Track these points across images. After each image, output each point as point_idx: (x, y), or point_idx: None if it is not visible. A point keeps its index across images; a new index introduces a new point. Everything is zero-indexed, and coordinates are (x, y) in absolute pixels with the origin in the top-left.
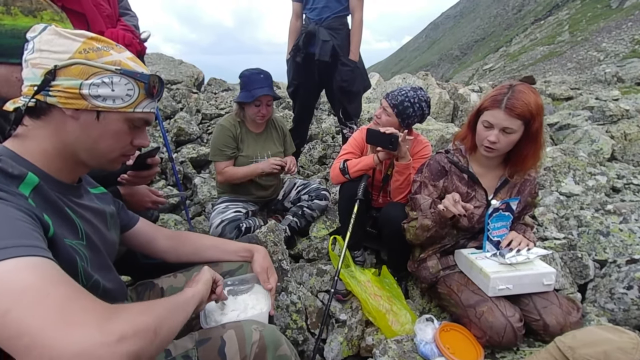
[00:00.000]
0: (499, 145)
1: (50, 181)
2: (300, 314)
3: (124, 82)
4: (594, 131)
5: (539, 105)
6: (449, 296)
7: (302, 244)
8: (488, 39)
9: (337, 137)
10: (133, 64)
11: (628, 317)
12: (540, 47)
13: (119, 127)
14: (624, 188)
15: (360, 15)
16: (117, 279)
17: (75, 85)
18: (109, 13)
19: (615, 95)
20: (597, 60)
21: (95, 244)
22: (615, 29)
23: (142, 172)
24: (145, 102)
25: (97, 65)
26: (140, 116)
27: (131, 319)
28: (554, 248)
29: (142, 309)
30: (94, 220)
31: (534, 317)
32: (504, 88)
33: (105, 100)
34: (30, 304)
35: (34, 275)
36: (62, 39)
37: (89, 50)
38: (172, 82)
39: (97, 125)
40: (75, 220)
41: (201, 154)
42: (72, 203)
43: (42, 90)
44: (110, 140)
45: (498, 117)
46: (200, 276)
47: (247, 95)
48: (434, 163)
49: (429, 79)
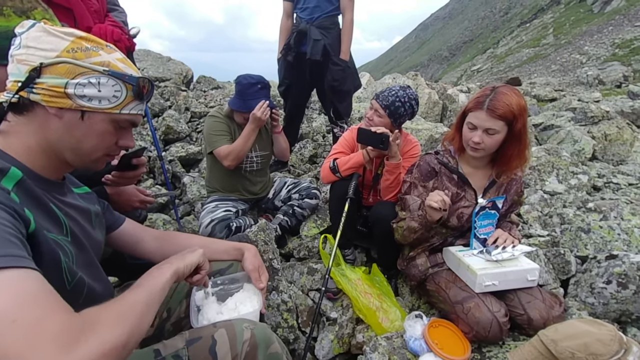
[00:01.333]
0: (483, 145)
1: (34, 177)
2: (291, 313)
3: (111, 83)
4: (577, 132)
5: (522, 107)
6: (437, 293)
7: (292, 243)
8: (476, 40)
9: (327, 136)
10: (122, 65)
11: (607, 310)
12: (526, 49)
13: (104, 128)
14: (604, 187)
15: (351, 15)
16: (104, 278)
17: (60, 84)
18: (97, 8)
19: (596, 97)
20: (580, 63)
21: (81, 241)
22: (597, 32)
23: (128, 173)
24: (132, 104)
25: (84, 65)
26: (126, 117)
27: (100, 338)
28: (538, 245)
29: (114, 321)
30: (78, 218)
31: (518, 311)
32: (487, 90)
33: (91, 101)
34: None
35: (7, 294)
36: (50, 37)
37: (77, 50)
38: (160, 80)
39: (82, 125)
40: (59, 216)
41: (190, 152)
42: (55, 199)
43: (26, 87)
44: (94, 141)
45: (481, 118)
46: (187, 256)
47: (241, 104)
48: (424, 164)
49: (419, 79)
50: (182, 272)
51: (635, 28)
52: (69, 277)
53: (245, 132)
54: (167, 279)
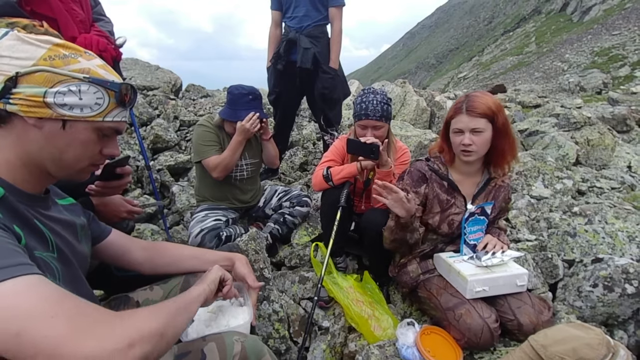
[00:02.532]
0: (474, 147)
1: (16, 192)
2: (282, 323)
3: (92, 90)
4: (560, 137)
5: (497, 104)
6: (429, 300)
7: (284, 252)
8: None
9: (318, 144)
10: (103, 71)
11: (594, 313)
12: (510, 57)
13: (87, 137)
14: (588, 191)
15: (339, 25)
16: (89, 292)
17: (38, 93)
18: (82, 18)
19: (578, 104)
20: (562, 70)
21: (67, 257)
22: (576, 41)
23: (112, 183)
24: (115, 111)
25: (63, 73)
26: (110, 125)
27: (138, 325)
28: (526, 249)
29: (147, 314)
30: (63, 232)
31: (508, 317)
32: (461, 98)
33: (72, 109)
34: (39, 324)
35: (35, 295)
36: (25, 45)
37: (54, 57)
38: (148, 88)
39: (63, 135)
40: (45, 232)
41: (179, 161)
42: (40, 215)
43: (2, 98)
44: (77, 150)
45: (463, 120)
46: (208, 275)
47: (232, 114)
48: (415, 170)
49: (407, 86)
50: (209, 290)
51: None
52: None
53: (232, 144)
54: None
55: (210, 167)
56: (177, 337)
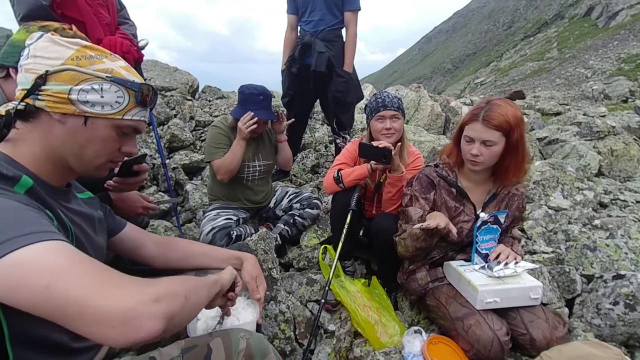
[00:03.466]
0: (482, 158)
1: (42, 184)
2: (289, 324)
3: (114, 89)
4: (582, 147)
5: (518, 118)
6: (437, 309)
7: (292, 253)
8: (479, 53)
9: (330, 147)
10: (126, 73)
11: (614, 333)
12: (530, 63)
13: (107, 134)
14: (611, 204)
15: (354, 29)
16: None
17: (64, 90)
18: (109, 22)
19: (602, 112)
20: (585, 77)
21: (85, 247)
22: (602, 47)
23: (129, 179)
24: (135, 110)
25: (87, 72)
26: (129, 124)
27: (165, 284)
28: (542, 262)
29: (171, 280)
30: (82, 224)
31: (521, 331)
32: (482, 103)
33: (94, 107)
34: (69, 278)
35: (63, 255)
36: (56, 47)
37: (81, 58)
38: (166, 89)
39: (85, 131)
40: (66, 222)
41: (194, 160)
42: (62, 207)
43: (32, 95)
44: (97, 146)
45: (477, 130)
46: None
47: (242, 113)
48: (424, 177)
49: (422, 91)
50: (226, 281)
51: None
52: None
53: (233, 146)
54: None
55: (215, 169)
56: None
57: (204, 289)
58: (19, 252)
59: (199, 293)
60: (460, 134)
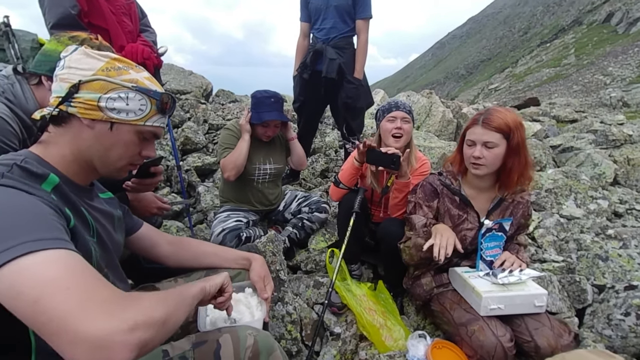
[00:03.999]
0: (484, 160)
1: (68, 183)
2: (295, 325)
3: (138, 97)
4: (597, 155)
5: (516, 121)
6: (441, 314)
7: (300, 256)
8: (494, 59)
9: (339, 152)
10: (149, 82)
11: (626, 344)
12: (546, 69)
13: (130, 138)
14: (627, 213)
15: (365, 37)
16: (123, 278)
17: (94, 98)
18: (131, 29)
19: (620, 120)
20: (604, 84)
21: (105, 242)
22: (621, 54)
23: (146, 180)
24: (156, 117)
25: (115, 82)
26: (149, 129)
27: (143, 310)
28: (552, 271)
29: (154, 301)
30: (103, 220)
31: (525, 338)
32: (481, 110)
33: (120, 113)
34: (56, 294)
35: (60, 267)
36: (89, 59)
37: (110, 69)
38: (181, 92)
39: (110, 135)
40: (88, 218)
41: (206, 162)
42: (85, 204)
43: (65, 101)
44: (120, 150)
45: (477, 132)
46: (213, 278)
47: (255, 116)
48: (427, 184)
49: (433, 97)
50: (207, 290)
51: None
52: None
53: (238, 143)
54: (195, 292)
55: (223, 166)
56: (176, 328)
57: (185, 306)
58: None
59: (179, 312)
60: (463, 140)
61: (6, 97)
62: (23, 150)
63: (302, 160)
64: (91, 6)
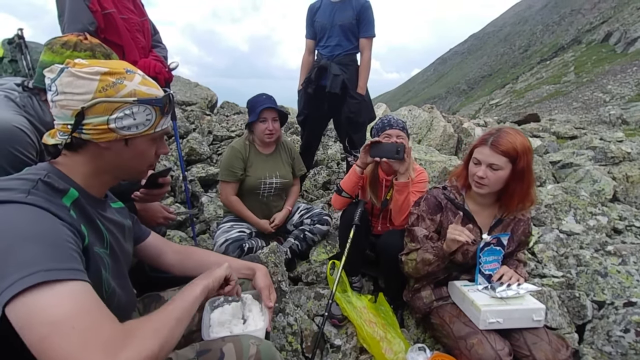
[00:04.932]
0: (487, 181)
1: (86, 196)
2: (296, 337)
3: (142, 109)
4: (596, 171)
5: (525, 146)
6: (441, 327)
7: (301, 267)
8: (495, 75)
9: (342, 164)
10: (145, 88)
11: None
12: (546, 85)
13: (146, 147)
14: (626, 230)
15: (368, 54)
16: (130, 288)
17: (103, 121)
18: (143, 45)
19: (619, 137)
20: (603, 101)
21: (116, 253)
22: (620, 72)
23: (154, 191)
24: (162, 120)
25: (117, 100)
26: (160, 133)
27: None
28: (552, 286)
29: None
30: (115, 231)
31: (524, 352)
32: (493, 129)
33: (130, 129)
34: (61, 335)
35: (69, 304)
36: (80, 80)
37: (107, 88)
38: (187, 104)
39: (127, 150)
40: (102, 230)
41: (210, 173)
42: (100, 215)
43: (76, 129)
44: (140, 159)
45: (485, 153)
46: (214, 271)
47: (253, 114)
48: (431, 197)
49: (434, 111)
50: (211, 286)
51: None
52: (107, 288)
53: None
54: (197, 295)
55: (221, 190)
56: (173, 347)
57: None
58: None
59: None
60: (470, 157)
61: (26, 110)
62: (45, 164)
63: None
64: (108, 23)
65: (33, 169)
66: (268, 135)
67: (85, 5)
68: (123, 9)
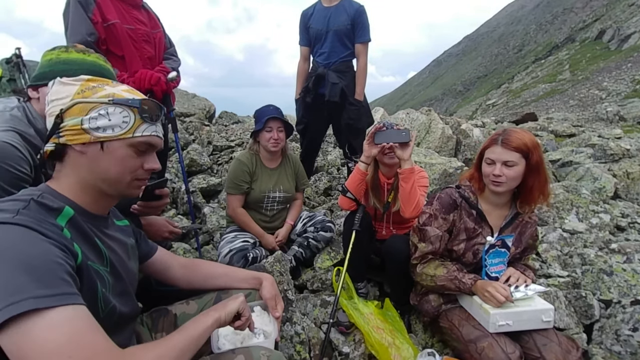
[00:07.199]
0: (504, 178)
1: (83, 213)
2: (304, 345)
3: (118, 110)
4: (596, 169)
5: (534, 142)
6: (450, 330)
7: (306, 275)
8: (490, 75)
9: (342, 169)
10: (127, 94)
11: None
12: (542, 84)
13: (124, 153)
14: (629, 227)
15: (364, 60)
16: (134, 304)
17: (77, 122)
18: (151, 55)
19: (617, 134)
20: (599, 98)
21: (118, 271)
22: (615, 69)
23: (152, 203)
24: (143, 126)
25: (92, 101)
26: (141, 140)
27: None
28: (557, 286)
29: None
30: (117, 249)
31: (534, 354)
32: (499, 130)
33: (105, 130)
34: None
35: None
36: (64, 87)
37: (85, 90)
38: (185, 115)
39: (103, 156)
40: (102, 248)
41: (211, 184)
42: (100, 233)
43: (54, 134)
44: (118, 167)
45: (497, 152)
46: (228, 304)
47: (259, 123)
48: (445, 196)
49: (432, 114)
50: (223, 319)
51: None
52: (103, 306)
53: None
54: (208, 326)
55: (228, 203)
56: None
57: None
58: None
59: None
60: (480, 159)
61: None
62: (41, 184)
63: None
64: (109, 34)
65: (29, 190)
66: (273, 144)
67: (86, 17)
68: (131, 19)
